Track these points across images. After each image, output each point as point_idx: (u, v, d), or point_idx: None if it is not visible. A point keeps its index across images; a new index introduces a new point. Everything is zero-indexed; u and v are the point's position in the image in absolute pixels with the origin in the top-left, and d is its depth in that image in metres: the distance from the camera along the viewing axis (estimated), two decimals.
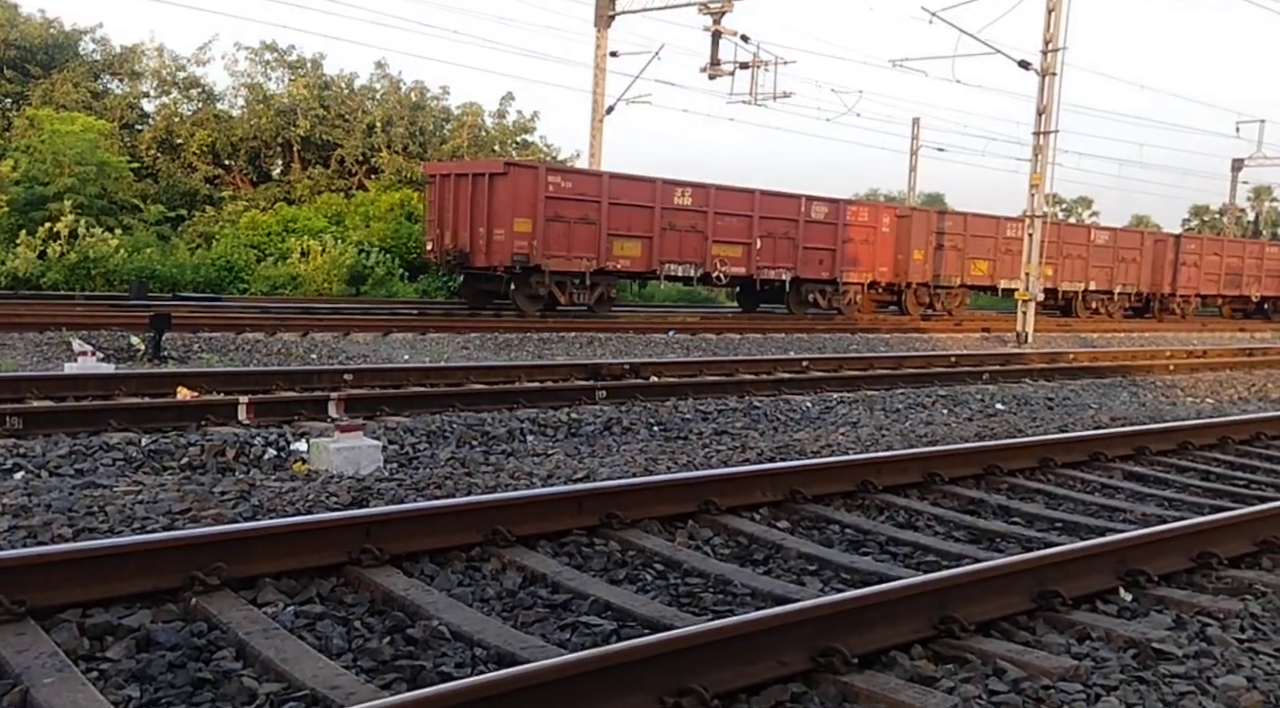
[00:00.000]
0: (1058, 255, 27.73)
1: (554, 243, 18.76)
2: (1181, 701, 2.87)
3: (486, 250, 18.74)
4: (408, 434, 6.93)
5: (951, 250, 25.54)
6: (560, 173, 19.58)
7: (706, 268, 21.08)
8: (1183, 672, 3.06)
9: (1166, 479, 6.39)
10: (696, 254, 20.86)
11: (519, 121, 34.77)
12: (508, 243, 18.41)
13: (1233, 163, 47.74)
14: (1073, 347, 18.54)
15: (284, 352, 11.93)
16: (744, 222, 21.60)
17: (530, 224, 18.40)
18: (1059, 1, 19.21)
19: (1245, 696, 2.89)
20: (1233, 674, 3.04)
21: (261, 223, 25.87)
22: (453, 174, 19.83)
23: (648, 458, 6.33)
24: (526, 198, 18.50)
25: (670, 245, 20.44)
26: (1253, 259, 34.14)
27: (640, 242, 20.02)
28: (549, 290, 19.06)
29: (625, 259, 19.92)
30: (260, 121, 31.12)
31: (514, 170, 18.94)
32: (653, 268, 20.43)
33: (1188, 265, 31.65)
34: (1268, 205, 68.74)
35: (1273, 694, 2.94)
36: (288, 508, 4.55)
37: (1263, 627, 3.51)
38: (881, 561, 4.48)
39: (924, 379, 11.88)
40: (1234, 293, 33.60)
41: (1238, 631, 3.47)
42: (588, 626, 3.46)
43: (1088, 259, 28.89)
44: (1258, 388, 12.88)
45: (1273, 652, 3.27)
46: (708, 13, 25.40)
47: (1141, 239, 31.26)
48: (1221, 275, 32.75)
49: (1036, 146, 20.11)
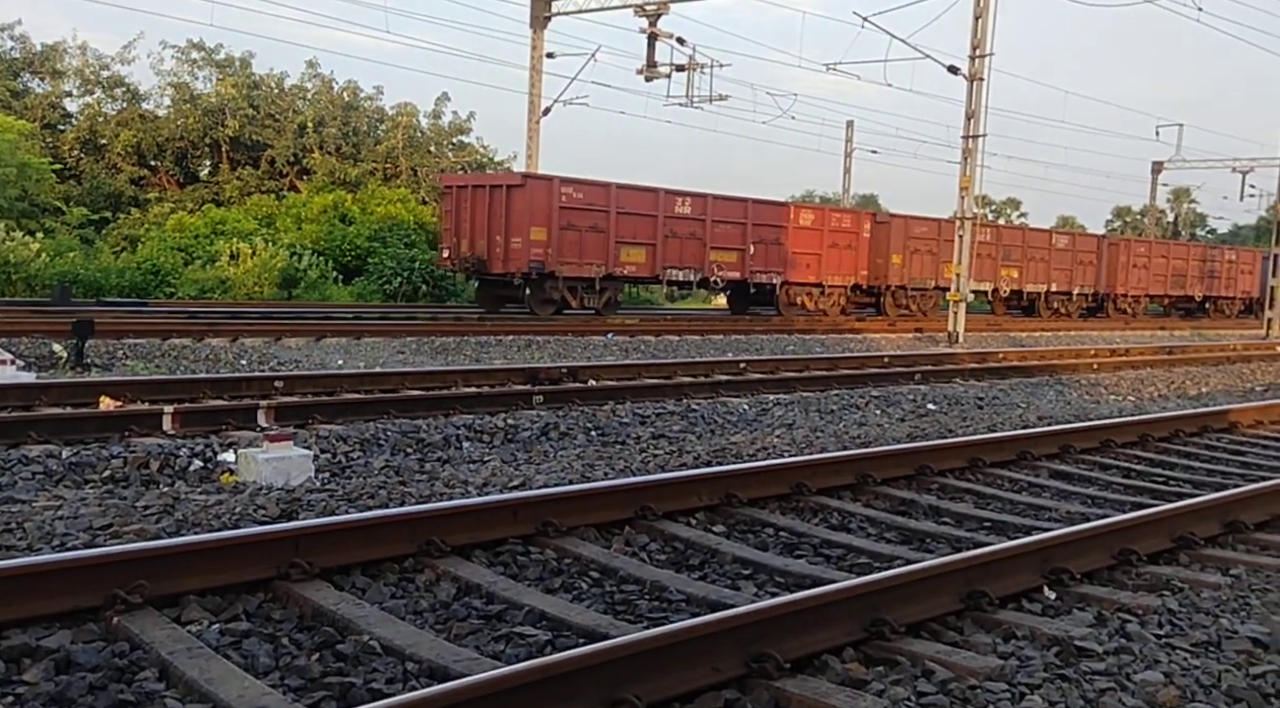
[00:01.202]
0: (1023, 259, 29.67)
1: (567, 250, 19.88)
2: (1102, 697, 2.95)
3: (504, 258, 19.81)
4: (341, 443, 6.83)
5: (926, 254, 26.82)
6: (573, 184, 20.32)
7: (705, 272, 22.38)
8: (1103, 669, 3.15)
9: (1090, 477, 6.57)
10: (696, 260, 22.19)
11: (455, 122, 34.50)
12: (524, 250, 19.50)
13: (1153, 165, 49.30)
14: (1002, 346, 18.97)
15: (212, 358, 11.67)
16: (738, 229, 22.94)
17: (545, 232, 19.54)
18: (985, 9, 19.64)
19: (1162, 691, 2.98)
20: (1150, 670, 3.13)
21: (189, 225, 25.28)
22: (470, 186, 20.85)
23: (585, 464, 6.32)
24: (541, 208, 19.63)
25: (672, 252, 21.72)
26: (1195, 261, 36.65)
27: (645, 248, 21.26)
28: (562, 295, 20.16)
29: (631, 265, 21.19)
30: (187, 122, 30.42)
31: (530, 182, 19.99)
32: (656, 273, 21.68)
33: (1138, 267, 33.91)
34: (1186, 207, 71.10)
35: (1188, 689, 3.03)
36: (213, 522, 4.45)
37: (1179, 623, 3.62)
38: (815, 563, 4.53)
39: (858, 380, 12.05)
40: (1179, 293, 35.93)
41: (1156, 627, 3.57)
42: (522, 637, 3.44)
43: (1049, 262, 30.70)
44: (1176, 385, 13.30)
45: (1189, 647, 3.38)
46: (643, 15, 25.46)
47: (1097, 243, 33.32)
48: (1168, 277, 35.11)
49: (966, 150, 20.52)
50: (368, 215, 27.83)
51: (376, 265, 25.46)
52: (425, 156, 33.41)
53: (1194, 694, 3.01)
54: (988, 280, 29.01)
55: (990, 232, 30.04)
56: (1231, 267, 38.01)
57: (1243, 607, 3.82)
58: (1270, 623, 3.60)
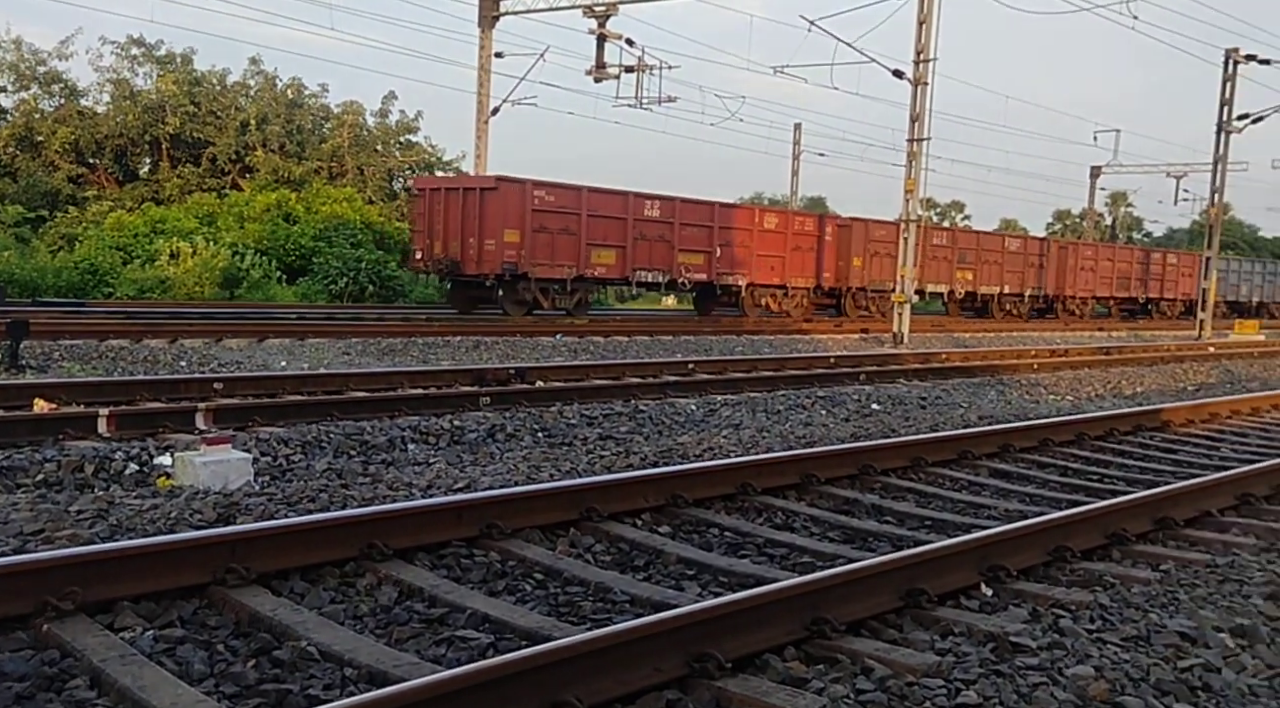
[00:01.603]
0: (977, 262, 30.70)
1: (539, 252, 20.31)
2: (1035, 692, 3.01)
3: (478, 259, 20.15)
4: (282, 445, 6.72)
5: (886, 257, 27.28)
6: (545, 187, 20.63)
7: (673, 274, 22.88)
8: (1036, 663, 3.21)
9: (1029, 476, 6.70)
10: (664, 262, 22.70)
11: (402, 121, 34.17)
12: (498, 252, 19.89)
13: (1091, 170, 50.50)
14: (946, 347, 19.26)
15: (151, 359, 11.42)
16: (705, 231, 23.47)
17: (519, 235, 19.94)
18: (929, 14, 19.94)
19: (1093, 684, 3.05)
20: (1082, 665, 3.20)
21: (128, 224, 24.72)
22: (442, 188, 21.13)
23: (531, 466, 6.29)
24: (515, 210, 19.98)
25: (641, 254, 22.20)
26: (1139, 264, 38.27)
27: (615, 250, 21.72)
28: (534, 296, 20.59)
29: (602, 266, 21.61)
30: (127, 118, 29.77)
31: (503, 185, 20.20)
32: (626, 275, 22.13)
33: (1085, 270, 35.23)
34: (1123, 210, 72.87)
35: (1118, 683, 3.11)
36: (148, 527, 4.36)
37: (1111, 617, 3.71)
38: (759, 563, 4.56)
39: (805, 380, 12.16)
40: (1124, 295, 37.46)
41: (1088, 621, 3.65)
42: (464, 640, 3.41)
43: (1003, 265, 31.79)
44: (1113, 385, 13.62)
45: (1119, 641, 3.46)
46: (592, 16, 25.45)
47: (1047, 246, 34.55)
48: (1113, 279, 36.60)
49: (910, 153, 20.81)
50: (312, 214, 27.45)
51: (322, 265, 25.12)
52: (372, 155, 33.05)
53: (1123, 688, 3.08)
54: (944, 283, 29.92)
55: (946, 235, 31.06)
56: (1173, 270, 39.58)
57: (1171, 601, 3.92)
58: (1197, 617, 3.70)
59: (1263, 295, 45.66)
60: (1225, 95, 27.14)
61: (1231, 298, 42.80)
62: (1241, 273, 44.77)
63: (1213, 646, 3.45)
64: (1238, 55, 26.91)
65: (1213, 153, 27.81)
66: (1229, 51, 27.00)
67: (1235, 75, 26.97)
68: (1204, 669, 3.24)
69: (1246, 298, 44.33)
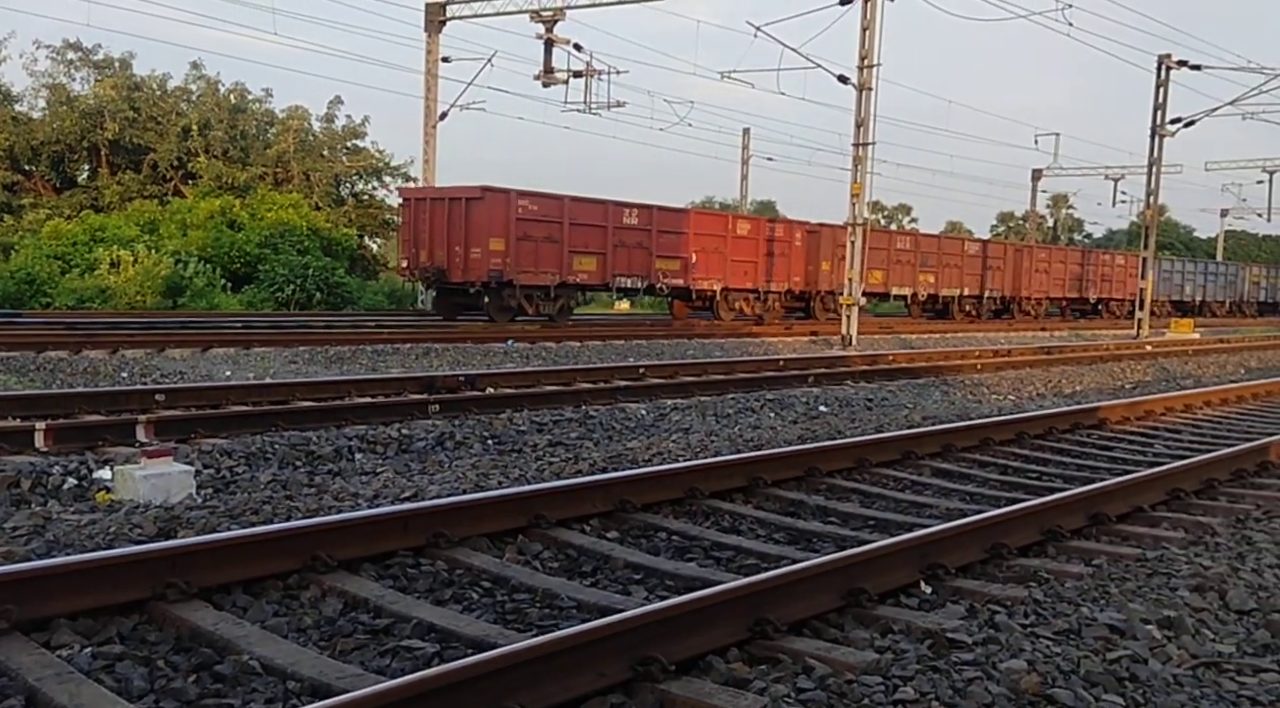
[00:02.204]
0: (939, 265, 31.82)
1: (524, 259, 20.92)
2: (969, 686, 3.09)
3: (464, 267, 20.76)
4: (225, 457, 6.64)
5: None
6: (529, 197, 21.23)
7: (651, 280, 23.67)
8: (971, 659, 3.30)
9: (970, 475, 6.84)
10: (643, 268, 23.45)
11: (349, 126, 33.85)
12: (484, 260, 20.51)
13: (1033, 172, 51.55)
14: (893, 348, 19.53)
15: (91, 371, 11.20)
16: (681, 238, 24.27)
17: (504, 243, 20.56)
18: (872, 21, 20.24)
19: (1025, 678, 3.14)
20: (1015, 659, 3.29)
21: (66, 232, 24.20)
22: (428, 198, 21.69)
23: (479, 473, 6.28)
24: (500, 219, 20.62)
25: (621, 261, 22.92)
26: (1090, 266, 39.94)
27: (596, 257, 22.40)
28: (519, 302, 21.17)
29: (584, 273, 22.26)
30: (64, 124, 29.14)
31: (489, 195, 20.74)
32: (607, 281, 22.85)
33: (1040, 272, 36.69)
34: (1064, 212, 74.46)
35: (1049, 676, 3.20)
36: (87, 543, 4.29)
37: (1044, 612, 3.81)
38: (705, 566, 4.61)
39: (754, 383, 12.26)
40: (1076, 295, 39.03)
41: (1022, 616, 3.75)
42: (409, 650, 3.42)
43: (962, 268, 32.93)
44: (1053, 384, 13.92)
45: (1051, 635, 3.56)
46: (540, 20, 25.45)
47: (1004, 250, 36.22)
48: (1066, 280, 38.15)
49: (856, 157, 21.09)
50: (258, 221, 27.08)
51: (268, 272, 24.80)
52: (318, 161, 32.69)
53: (1054, 680, 3.17)
54: (907, 286, 30.94)
55: (910, 240, 32.11)
56: (1120, 270, 41.30)
57: (1102, 595, 4.04)
58: (1126, 610, 3.82)
59: (1205, 295, 47.54)
60: (1159, 100, 27.87)
61: (1176, 297, 44.62)
62: (1185, 273, 46.55)
63: (1140, 637, 3.56)
64: (1170, 61, 27.66)
65: (1147, 156, 28.54)
66: (1162, 58, 27.75)
67: (1168, 81, 27.72)
68: (1131, 660, 3.35)
69: (1190, 297, 46.11)
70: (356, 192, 34.92)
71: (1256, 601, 4.06)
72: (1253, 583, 4.28)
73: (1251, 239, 77.83)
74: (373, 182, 34.91)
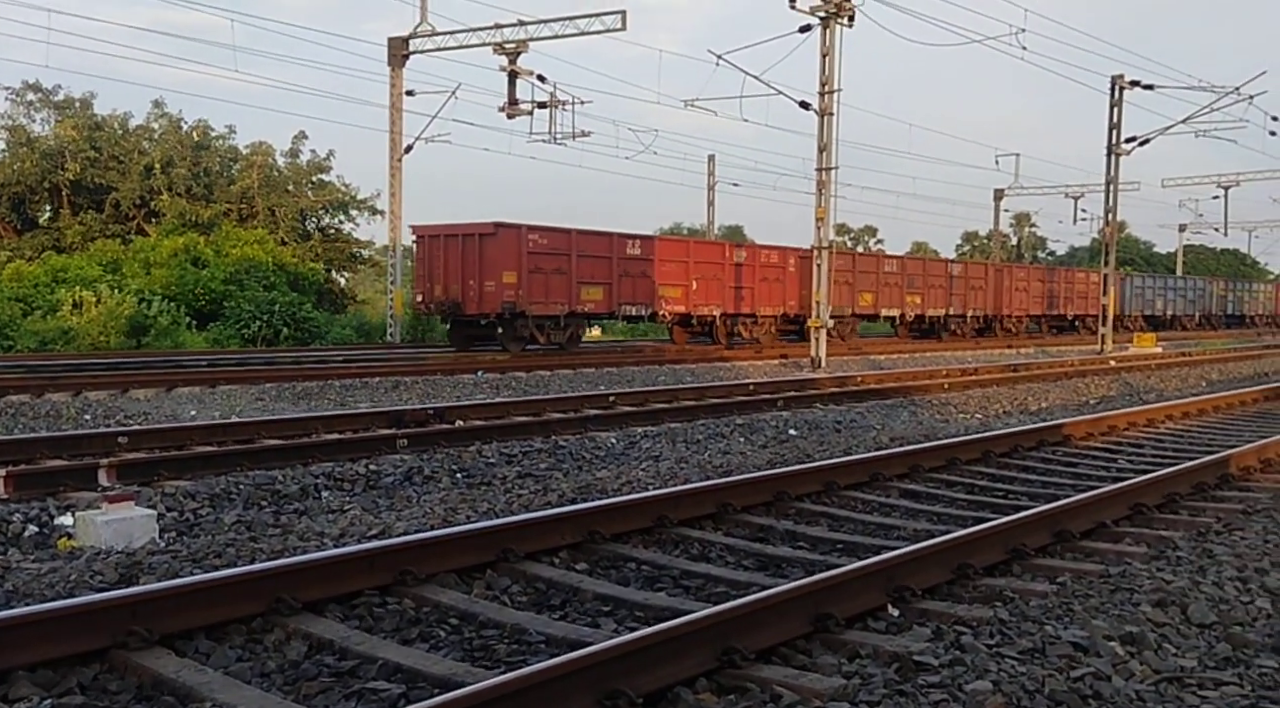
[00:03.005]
0: (924, 286, 33.08)
1: (535, 291, 21.71)
2: None
3: (478, 300, 21.60)
4: (189, 499, 6.56)
5: (844, 285, 29.31)
6: (538, 231, 22.07)
7: (654, 307, 24.55)
8: (938, 681, 3.32)
9: (937, 495, 6.89)
10: (646, 296, 24.38)
11: (314, 161, 33.79)
12: (498, 292, 21.33)
13: (995, 192, 52.31)
14: (861, 369, 19.67)
15: (53, 414, 11.04)
16: (681, 267, 25.17)
17: (516, 276, 21.38)
18: (832, 47, 20.54)
19: (990, 699, 3.16)
20: (980, 680, 3.31)
21: (27, 274, 23.94)
22: (442, 235, 22.31)
23: (448, 508, 6.25)
24: (511, 253, 21.46)
25: (626, 289, 23.87)
26: (1066, 284, 41.57)
27: (602, 287, 23.31)
28: (531, 332, 21.97)
29: (591, 302, 23.15)
30: (24, 165, 28.89)
31: (501, 230, 21.60)
32: (613, 309, 23.73)
33: (1020, 291, 38.14)
34: (1027, 231, 75.52)
35: (1014, 696, 3.22)
36: (46, 591, 4.22)
37: (1009, 631, 3.84)
38: (675, 595, 4.61)
39: (724, 409, 12.28)
40: (1055, 312, 40.57)
41: (987, 637, 3.78)
42: (375, 692, 3.38)
43: (947, 289, 34.16)
44: (1019, 402, 14.07)
45: (1016, 654, 3.59)
46: (503, 53, 25.59)
47: (985, 270, 37.22)
48: (1045, 298, 39.70)
49: (820, 181, 21.33)
50: (223, 257, 26.90)
51: (233, 309, 24.60)
52: (283, 196, 32.57)
53: (1019, 700, 3.19)
54: (895, 307, 32.03)
55: (896, 263, 33.13)
56: (1096, 287, 43.16)
57: (1067, 613, 4.08)
58: (1090, 627, 3.86)
59: (1175, 309, 49.11)
60: (1113, 119, 28.42)
61: (1149, 312, 46.18)
62: (1156, 289, 48.21)
63: (1104, 654, 3.60)
64: (1123, 82, 28.24)
65: (1105, 174, 29.06)
66: (1115, 78, 28.33)
67: (1122, 100, 28.29)
68: (1095, 678, 3.38)
69: (1161, 312, 47.63)
70: (323, 226, 34.81)
71: (1217, 614, 4.12)
72: (1214, 596, 4.34)
73: (1210, 253, 79.31)
74: (339, 216, 34.84)
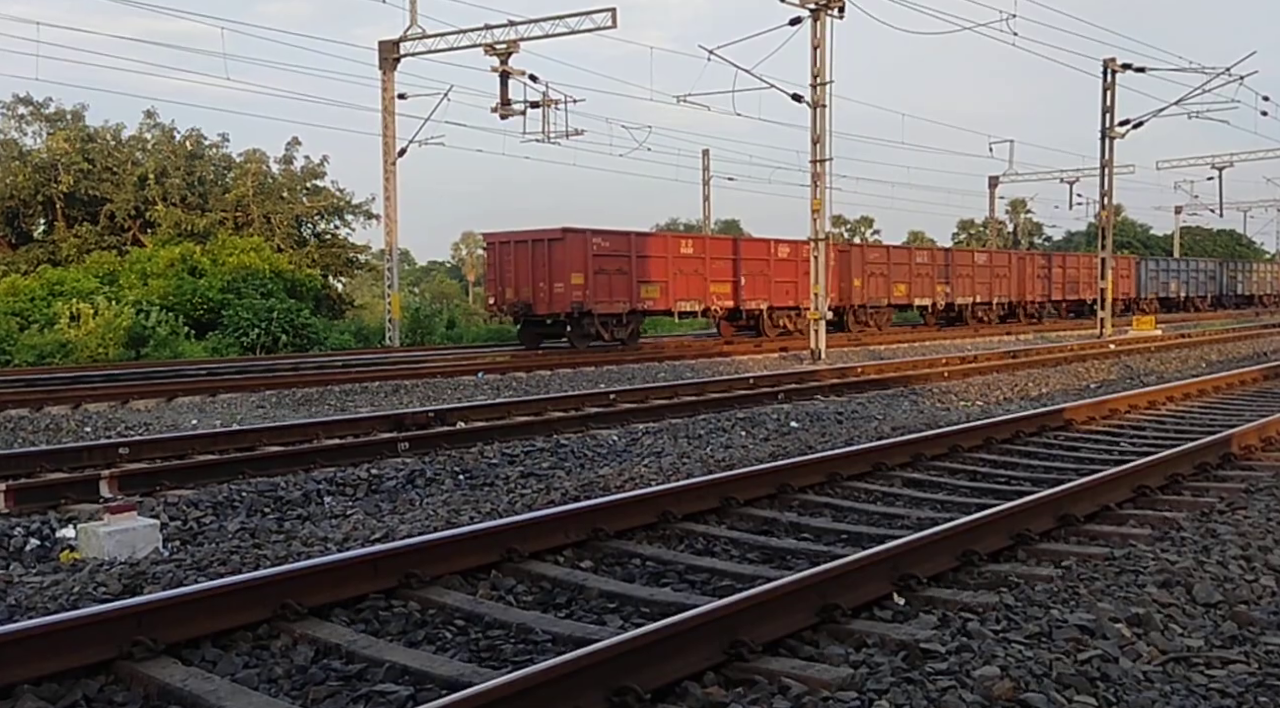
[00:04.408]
0: (953, 276, 34.42)
1: (600, 291, 23.15)
2: (944, 696, 3.10)
3: (548, 300, 23.05)
4: (191, 508, 6.55)
5: (880, 277, 31.06)
6: (602, 235, 23.59)
7: (706, 303, 25.72)
8: (945, 668, 3.31)
9: (940, 483, 6.88)
10: (699, 293, 25.60)
11: (308, 167, 33.76)
12: (566, 293, 22.76)
13: (990, 180, 52.35)
14: (861, 360, 19.66)
15: (53, 427, 11.03)
16: (730, 264, 26.37)
17: (583, 277, 22.82)
18: (822, 39, 20.51)
19: (998, 684, 3.16)
20: (988, 665, 3.31)
21: (23, 288, 23.92)
22: (512, 241, 23.75)
23: (451, 510, 6.24)
24: (578, 256, 22.90)
25: (680, 287, 25.13)
26: (1085, 270, 42.15)
27: (659, 285, 24.66)
28: (596, 329, 23.37)
29: (650, 300, 24.49)
30: (17, 180, 28.86)
31: (569, 235, 23.03)
32: (669, 306, 25.06)
33: (1040, 278, 39.17)
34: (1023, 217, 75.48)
35: (1022, 680, 3.22)
36: (49, 605, 4.22)
37: (1015, 617, 3.84)
38: (680, 590, 4.61)
39: (725, 403, 12.28)
40: (1074, 298, 41.66)
41: (994, 623, 3.77)
42: (383, 694, 3.38)
43: (973, 277, 35.34)
44: (1019, 388, 14.05)
45: (1023, 639, 3.58)
46: (494, 54, 25.55)
47: (1009, 258, 38.49)
48: (1064, 283, 40.90)
49: (814, 174, 21.30)
50: (219, 266, 26.89)
51: (232, 318, 24.59)
52: (278, 203, 32.55)
53: (1027, 685, 3.19)
54: (927, 296, 33.19)
55: (927, 254, 34.86)
56: (1112, 272, 43.19)
57: (1072, 596, 4.07)
58: (1096, 610, 3.85)
59: (1188, 291, 50.23)
60: (1106, 103, 28.39)
61: (1163, 294, 47.38)
62: (1170, 271, 49.36)
63: (1110, 636, 3.59)
64: (1115, 65, 28.21)
65: (1099, 158, 29.03)
66: (1107, 61, 28.29)
67: (1114, 84, 28.26)
68: (1102, 660, 3.38)
69: (1175, 294, 48.76)
70: (319, 231, 34.79)
71: (1222, 593, 4.11)
72: (1218, 575, 4.34)
73: (1206, 234, 79.34)
74: (334, 221, 34.82)
